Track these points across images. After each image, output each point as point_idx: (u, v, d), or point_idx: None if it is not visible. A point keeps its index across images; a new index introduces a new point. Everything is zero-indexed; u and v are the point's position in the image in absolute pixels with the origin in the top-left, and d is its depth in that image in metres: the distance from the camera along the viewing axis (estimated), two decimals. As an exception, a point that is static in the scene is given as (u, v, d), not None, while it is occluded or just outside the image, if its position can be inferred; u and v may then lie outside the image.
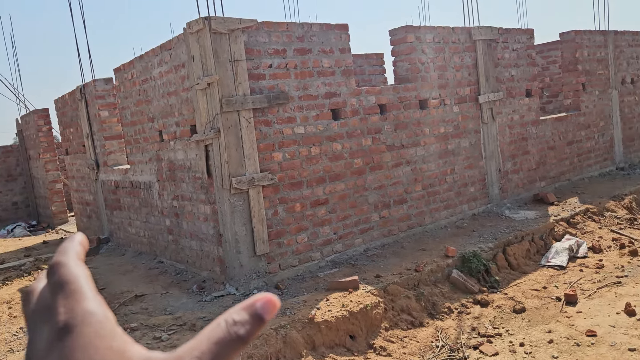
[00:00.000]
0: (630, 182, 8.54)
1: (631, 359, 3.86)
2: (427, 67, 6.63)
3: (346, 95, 5.84)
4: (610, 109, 9.52)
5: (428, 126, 6.66)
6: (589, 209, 7.18)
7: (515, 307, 5.01)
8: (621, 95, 9.74)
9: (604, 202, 7.41)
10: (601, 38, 9.33)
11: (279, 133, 5.32)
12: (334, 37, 5.71)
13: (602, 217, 7.10)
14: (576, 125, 8.84)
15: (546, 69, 10.55)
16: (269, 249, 5.28)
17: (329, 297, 4.70)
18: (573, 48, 8.85)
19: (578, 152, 8.89)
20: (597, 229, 6.79)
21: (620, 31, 9.79)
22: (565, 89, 9.10)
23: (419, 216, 6.62)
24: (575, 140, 8.82)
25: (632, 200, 7.65)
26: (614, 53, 9.57)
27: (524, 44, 7.90)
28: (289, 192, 5.43)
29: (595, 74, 9.19)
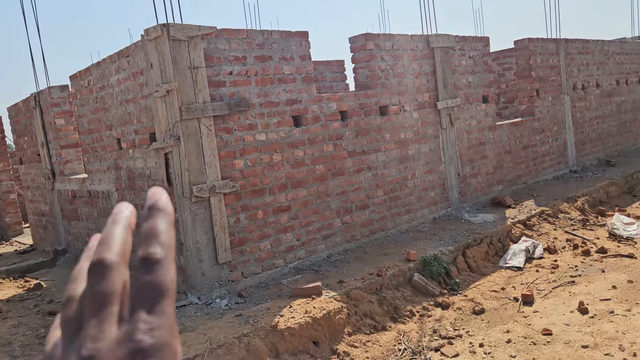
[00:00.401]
0: (583, 184, 8.86)
1: (584, 356, 4.00)
2: (387, 74, 6.74)
3: (307, 102, 5.87)
4: (563, 114, 9.87)
5: (388, 132, 6.75)
6: (544, 211, 7.41)
7: (475, 309, 5.13)
8: (573, 100, 10.11)
9: (558, 204, 7.67)
10: (553, 46, 9.68)
11: (240, 140, 5.30)
12: (294, 44, 5.74)
13: (556, 219, 7.34)
14: (531, 130, 9.12)
15: (502, 75, 10.86)
16: (232, 257, 5.25)
17: (292, 304, 4.69)
18: (527, 55, 9.15)
19: (533, 156, 9.17)
20: (552, 230, 7.02)
21: (570, 39, 10.18)
22: (520, 95, 9.39)
23: (381, 221, 6.70)
24: (530, 144, 9.10)
25: (585, 202, 7.94)
26: (566, 60, 9.94)
27: (480, 52, 8.12)
28: (251, 200, 5.41)
29: (548, 80, 9.52)
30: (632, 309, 4.67)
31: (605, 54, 11.16)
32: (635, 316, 4.53)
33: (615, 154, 11.30)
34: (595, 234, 6.94)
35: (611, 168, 10.09)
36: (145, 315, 0.35)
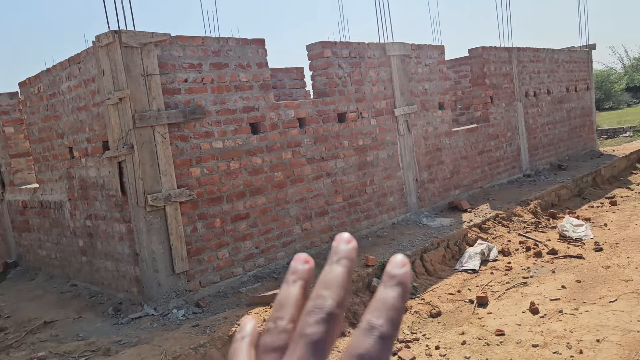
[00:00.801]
0: (536, 187, 9.15)
1: (534, 355, 4.13)
2: (345, 81, 6.80)
3: (265, 109, 5.87)
4: (516, 120, 10.18)
5: (347, 139, 6.82)
6: (499, 214, 7.61)
7: (432, 312, 5.21)
8: (525, 107, 10.45)
9: (512, 208, 7.89)
10: (506, 54, 9.99)
11: (196, 148, 5.25)
12: (251, 51, 5.74)
13: (510, 222, 7.55)
14: (486, 136, 9.37)
15: (458, 83, 11.12)
16: (189, 266, 5.18)
17: (250, 312, 4.66)
18: (481, 63, 9.40)
19: (489, 161, 9.42)
20: (506, 233, 7.21)
21: (522, 48, 10.52)
22: (475, 102, 9.64)
23: (340, 227, 6.74)
24: (485, 149, 9.34)
25: (537, 205, 8.20)
26: (518, 68, 10.26)
27: (435, 59, 8.30)
28: (208, 208, 5.36)
29: (502, 87, 9.81)
30: (580, 308, 4.84)
31: (555, 62, 11.58)
32: (583, 314, 4.70)
33: (566, 158, 11.72)
34: (547, 236, 7.17)
35: (562, 172, 10.45)
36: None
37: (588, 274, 5.73)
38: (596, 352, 4.04)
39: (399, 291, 0.39)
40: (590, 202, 9.06)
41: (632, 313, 4.62)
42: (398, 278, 0.40)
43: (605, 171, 10.68)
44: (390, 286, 0.40)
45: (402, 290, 0.40)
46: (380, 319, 0.38)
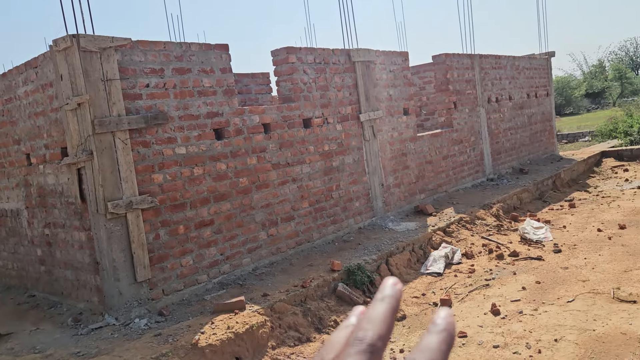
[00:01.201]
0: (498, 191, 9.35)
1: (495, 355, 4.20)
2: (310, 87, 6.83)
3: (229, 115, 5.84)
4: (479, 125, 10.39)
5: (312, 144, 6.83)
6: (463, 218, 7.74)
7: (397, 316, 5.25)
8: (488, 113, 10.68)
9: (476, 211, 8.04)
10: (468, 61, 10.20)
11: (158, 154, 5.18)
12: (214, 56, 5.70)
13: (473, 225, 7.69)
14: (450, 141, 9.53)
15: (423, 89, 11.28)
16: (151, 274, 5.09)
17: (214, 320, 4.61)
18: (444, 70, 9.58)
19: (453, 166, 9.58)
20: (469, 236, 7.34)
21: (484, 55, 10.77)
22: (439, 108, 9.80)
23: (306, 232, 6.74)
24: (450, 154, 9.50)
25: (499, 209, 8.38)
26: (480, 75, 10.49)
27: (399, 66, 8.41)
28: (171, 215, 5.29)
29: (465, 93, 10.01)
30: (539, 308, 4.96)
31: (516, 69, 11.88)
32: (542, 315, 4.82)
33: (528, 163, 12.02)
34: (509, 239, 7.33)
35: (524, 176, 10.71)
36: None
37: (547, 275, 5.88)
38: (554, 352, 4.14)
39: (386, 306, 0.43)
40: (551, 205, 9.31)
41: (588, 312, 4.75)
42: (386, 294, 0.44)
43: (565, 175, 10.99)
44: (379, 302, 0.44)
45: (389, 304, 0.43)
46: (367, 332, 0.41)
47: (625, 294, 5.06)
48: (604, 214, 8.24)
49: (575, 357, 4.03)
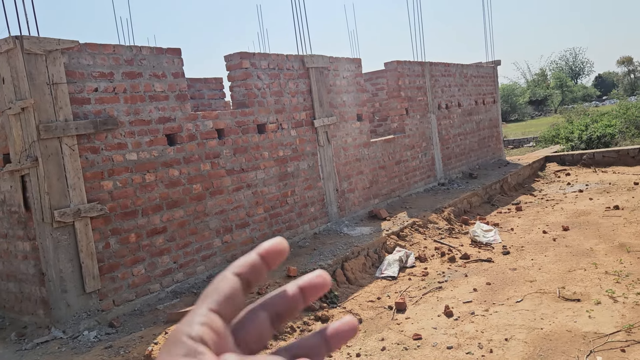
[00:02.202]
0: (449, 195, 9.59)
1: (449, 356, 4.30)
2: (264, 92, 6.80)
3: (182, 120, 5.73)
4: (430, 131, 10.64)
5: (267, 150, 6.80)
6: (416, 222, 7.89)
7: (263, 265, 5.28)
8: (438, 119, 10.95)
9: (428, 215, 8.21)
10: (419, 68, 10.43)
11: (108, 160, 5.03)
12: (166, 61, 5.60)
13: (426, 229, 7.85)
14: (402, 146, 9.71)
15: (375, 95, 11.45)
16: (101, 284, 4.92)
17: (167, 330, 4.50)
18: (396, 77, 9.76)
19: (405, 171, 9.76)
20: (422, 240, 7.48)
21: (434, 62, 11.04)
22: (391, 113, 9.97)
23: (262, 238, 6.69)
24: (402, 159, 9.67)
25: (451, 212, 8.59)
26: (431, 82, 10.75)
27: (353, 72, 8.51)
28: (122, 222, 5.13)
29: (416, 100, 10.22)
30: (490, 309, 5.11)
31: (464, 76, 12.25)
32: (492, 315, 4.96)
33: (477, 167, 12.39)
34: (460, 242, 7.52)
35: (473, 180, 11.03)
36: None
37: (497, 276, 6.07)
38: (505, 351, 4.27)
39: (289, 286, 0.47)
40: (499, 208, 9.63)
41: (536, 312, 4.93)
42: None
43: (512, 179, 11.40)
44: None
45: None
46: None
47: (569, 292, 5.28)
48: (548, 216, 8.59)
49: (525, 355, 4.17)
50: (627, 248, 6.39)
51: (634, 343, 4.14)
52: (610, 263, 5.99)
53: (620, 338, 4.25)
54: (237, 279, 0.44)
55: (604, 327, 4.46)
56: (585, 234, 7.27)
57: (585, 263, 6.10)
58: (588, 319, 4.66)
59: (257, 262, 0.45)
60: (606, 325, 4.50)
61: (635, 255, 6.12)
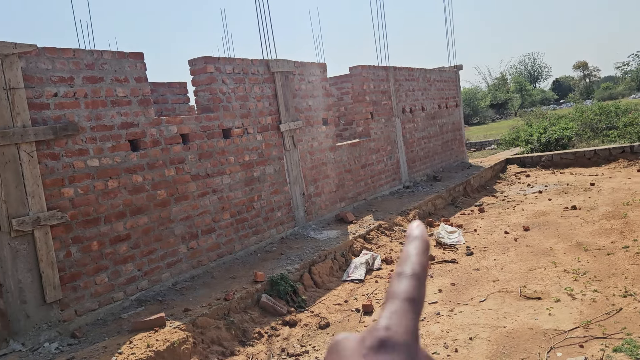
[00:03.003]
0: (414, 198, 9.73)
1: (416, 357, 4.35)
2: (229, 97, 6.77)
3: (145, 125, 5.65)
4: (395, 134, 10.78)
5: (233, 155, 6.77)
6: (382, 224, 7.98)
7: (321, 323, 5.31)
8: (403, 122, 11.11)
9: (394, 218, 8.32)
10: (384, 73, 10.56)
11: (68, 167, 4.91)
12: (128, 65, 5.51)
13: (392, 231, 7.94)
14: (368, 150, 9.81)
15: (341, 99, 11.53)
16: (62, 294, 4.79)
17: (132, 339, 4.42)
18: (361, 81, 9.85)
19: (371, 174, 9.85)
20: (388, 242, 7.57)
21: (398, 67, 11.20)
22: (357, 118, 10.06)
23: (228, 244, 6.65)
24: (368, 163, 9.77)
25: (416, 214, 8.71)
26: (395, 86, 10.90)
27: (318, 77, 8.55)
28: (84, 230, 5.02)
29: (381, 104, 10.35)
30: (454, 309, 5.21)
31: (427, 81, 12.47)
32: (457, 315, 5.06)
33: (441, 170, 12.62)
34: (425, 243, 7.63)
35: (438, 182, 11.23)
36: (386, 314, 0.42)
37: (461, 276, 6.19)
38: (469, 350, 4.36)
39: (418, 244, 0.48)
40: (462, 210, 9.82)
41: (499, 311, 5.06)
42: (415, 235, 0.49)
43: (474, 181, 11.65)
44: (410, 242, 0.48)
45: (421, 242, 0.48)
46: (407, 266, 0.45)
47: (530, 291, 5.44)
48: (510, 217, 8.81)
49: (489, 353, 4.27)
50: (584, 247, 6.62)
51: (592, 338, 4.29)
52: (569, 262, 6.19)
53: (579, 334, 4.40)
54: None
55: (564, 323, 4.61)
56: (544, 234, 7.50)
57: (545, 262, 6.29)
58: (548, 316, 4.81)
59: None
60: (565, 322, 4.65)
61: (592, 254, 6.35)
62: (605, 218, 7.87)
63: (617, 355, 3.98)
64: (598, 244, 6.69)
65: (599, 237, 7.01)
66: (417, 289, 0.44)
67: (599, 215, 8.09)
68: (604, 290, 5.24)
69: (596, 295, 5.12)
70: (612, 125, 17.00)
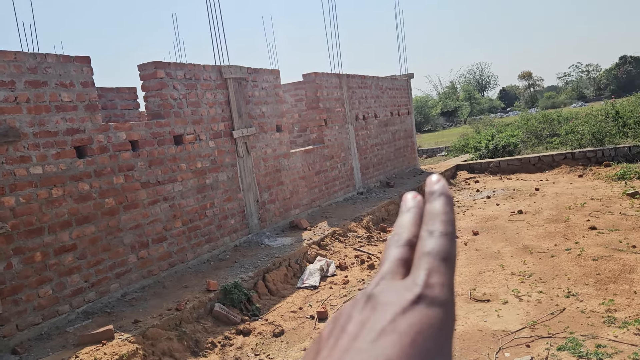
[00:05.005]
0: (368, 204, 9.83)
1: (370, 362, 4.38)
2: (180, 103, 6.65)
3: (92, 132, 5.47)
4: (348, 141, 10.88)
5: (184, 161, 6.65)
6: (336, 231, 8.01)
7: (275, 331, 5.26)
8: (356, 129, 11.23)
9: (348, 224, 8.37)
10: (337, 80, 10.66)
11: (9, 174, 4.69)
12: (74, 69, 5.33)
13: (346, 237, 7.99)
14: (322, 157, 9.85)
15: (294, 106, 11.55)
16: (2, 308, 4.56)
17: (78, 354, 4.25)
18: (314, 88, 9.90)
19: (325, 181, 9.89)
20: (342, 249, 7.61)
21: (351, 75, 11.33)
22: (311, 124, 10.09)
23: (180, 253, 6.51)
24: (322, 170, 9.81)
25: (369, 221, 8.81)
26: (348, 93, 11.01)
27: (271, 83, 8.54)
28: (26, 241, 4.80)
29: (334, 111, 10.42)
30: (407, 313, 5.28)
31: (380, 88, 12.66)
32: (410, 319, 5.13)
33: (394, 176, 12.81)
34: (379, 249, 7.72)
35: (390, 189, 11.39)
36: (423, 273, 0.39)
37: (414, 281, 6.28)
38: (422, 352, 4.42)
39: (443, 200, 0.44)
40: (415, 216, 9.98)
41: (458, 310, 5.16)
42: (438, 191, 0.45)
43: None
44: (435, 199, 0.44)
45: (445, 198, 0.44)
46: (436, 224, 0.42)
47: (480, 294, 5.58)
48: (460, 222, 9.04)
49: (440, 355, 4.34)
50: (530, 250, 6.87)
51: (538, 338, 4.44)
52: (516, 264, 6.40)
53: (525, 334, 4.54)
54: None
55: (511, 324, 4.76)
56: (493, 238, 7.73)
57: (493, 265, 6.48)
58: (497, 317, 4.95)
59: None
60: (513, 322, 4.79)
61: (537, 256, 6.59)
62: (549, 222, 8.19)
63: (561, 354, 4.13)
64: (543, 247, 6.95)
65: (543, 240, 7.29)
66: (452, 247, 0.42)
67: (544, 219, 8.42)
68: (548, 291, 5.44)
69: (541, 296, 5.31)
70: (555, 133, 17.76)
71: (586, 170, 12.40)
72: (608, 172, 11.56)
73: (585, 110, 19.11)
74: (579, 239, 7.01)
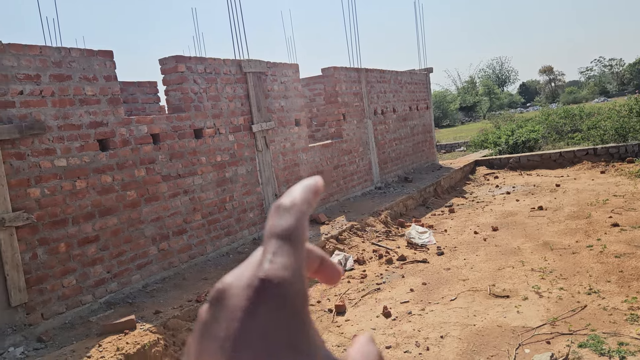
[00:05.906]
0: (386, 199, 9.81)
1: (388, 356, 4.40)
2: (200, 96, 6.71)
3: (114, 125, 5.55)
4: (367, 136, 10.85)
5: (204, 155, 6.71)
6: (354, 225, 8.02)
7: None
8: (374, 124, 11.20)
9: (366, 219, 8.37)
10: (355, 74, 10.63)
11: (35, 167, 4.78)
12: (97, 63, 5.40)
13: (364, 232, 7.99)
14: (340, 151, 9.85)
15: (313, 100, 11.56)
16: (28, 297, 4.66)
17: (101, 342, 4.33)
18: (333, 82, 9.89)
19: (343, 175, 9.90)
20: (360, 243, 7.61)
21: (370, 69, 11.29)
22: (329, 119, 10.09)
23: (200, 245, 6.58)
24: (340, 164, 9.81)
25: (387, 215, 8.79)
26: (367, 88, 10.98)
27: (290, 77, 8.55)
28: (50, 232, 4.90)
29: (353, 105, 10.41)
30: (426, 308, 5.28)
31: (399, 83, 12.60)
32: (428, 314, 5.13)
33: (412, 171, 12.76)
34: (397, 244, 7.72)
35: (409, 184, 11.35)
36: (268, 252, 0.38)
37: (432, 276, 6.28)
38: (440, 348, 4.42)
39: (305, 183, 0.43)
40: (433, 211, 9.95)
41: (469, 309, 5.15)
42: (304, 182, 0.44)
43: (444, 182, 11.82)
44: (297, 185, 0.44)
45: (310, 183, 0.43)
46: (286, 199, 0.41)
47: (499, 290, 5.55)
48: (479, 217, 8.97)
49: (459, 351, 4.34)
50: (551, 246, 6.79)
51: (558, 335, 4.41)
52: (536, 260, 6.34)
53: (546, 331, 4.51)
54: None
55: (531, 321, 4.72)
56: (512, 234, 7.66)
57: (513, 261, 6.43)
58: (516, 314, 4.91)
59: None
60: (533, 319, 4.76)
61: (558, 253, 6.52)
62: (570, 218, 8.09)
63: (582, 351, 4.09)
64: (564, 243, 6.87)
65: (564, 236, 7.20)
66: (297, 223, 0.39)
67: (565, 215, 8.31)
68: (569, 288, 5.38)
69: (562, 293, 5.25)
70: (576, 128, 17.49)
71: (608, 166, 12.20)
72: (631, 168, 11.36)
73: (608, 106, 18.77)
74: (601, 236, 6.92)
